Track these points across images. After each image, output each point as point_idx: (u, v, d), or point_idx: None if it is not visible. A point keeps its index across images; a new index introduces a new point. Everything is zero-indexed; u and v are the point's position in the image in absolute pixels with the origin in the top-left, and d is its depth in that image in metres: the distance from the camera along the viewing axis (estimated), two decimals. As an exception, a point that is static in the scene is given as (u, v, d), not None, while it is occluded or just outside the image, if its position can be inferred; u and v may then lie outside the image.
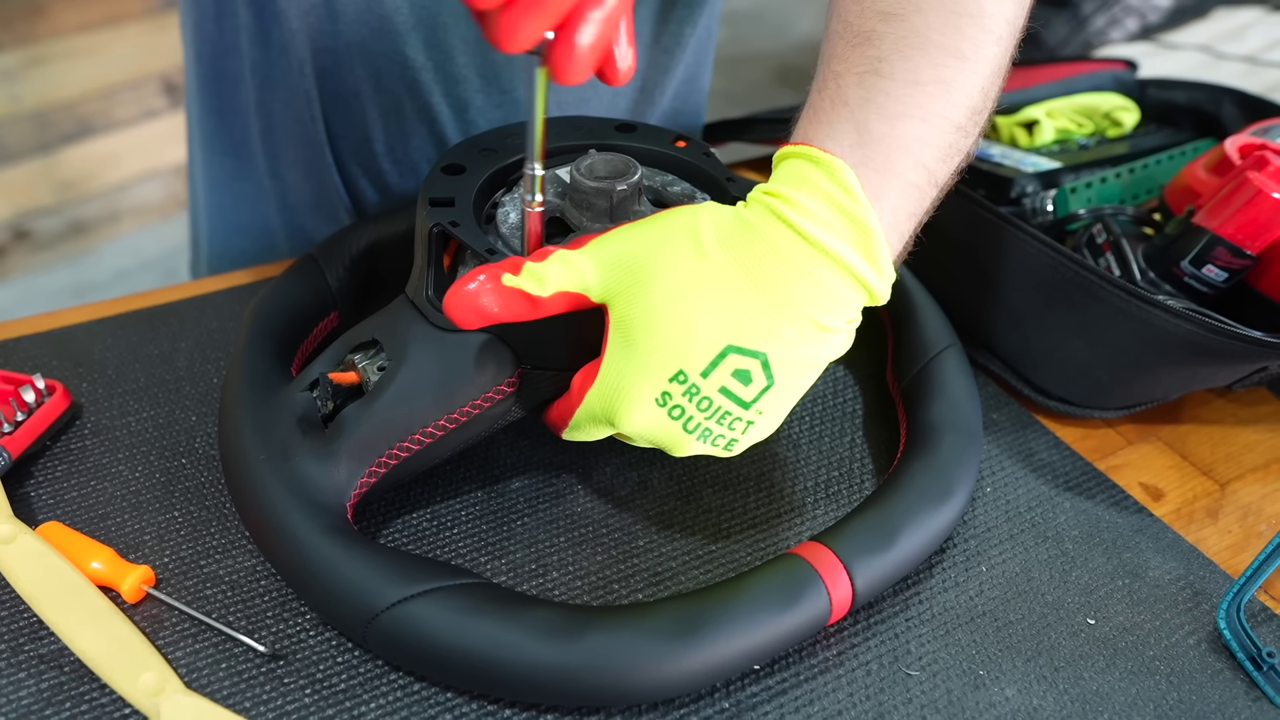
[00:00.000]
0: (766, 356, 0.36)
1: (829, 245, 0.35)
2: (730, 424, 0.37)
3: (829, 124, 0.37)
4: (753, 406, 0.37)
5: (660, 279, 0.36)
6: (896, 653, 0.40)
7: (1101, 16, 1.64)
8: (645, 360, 0.36)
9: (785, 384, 0.37)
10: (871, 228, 0.36)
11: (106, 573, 0.40)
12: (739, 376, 0.36)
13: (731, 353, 0.36)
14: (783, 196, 0.36)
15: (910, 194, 0.37)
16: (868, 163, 0.36)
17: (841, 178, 0.36)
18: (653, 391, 0.36)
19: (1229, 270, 0.51)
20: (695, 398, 0.36)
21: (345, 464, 0.40)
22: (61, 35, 1.61)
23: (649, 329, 0.36)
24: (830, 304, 0.36)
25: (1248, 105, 0.68)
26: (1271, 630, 0.43)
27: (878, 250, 0.36)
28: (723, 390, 0.36)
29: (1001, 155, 0.65)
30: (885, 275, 0.37)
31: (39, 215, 1.72)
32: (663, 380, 0.36)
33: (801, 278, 0.36)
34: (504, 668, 0.35)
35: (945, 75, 0.37)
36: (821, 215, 0.36)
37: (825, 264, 0.36)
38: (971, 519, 0.47)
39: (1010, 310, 0.54)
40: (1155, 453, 0.52)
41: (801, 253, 0.36)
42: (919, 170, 0.37)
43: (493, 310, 0.37)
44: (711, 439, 0.38)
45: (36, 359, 0.51)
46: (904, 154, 0.37)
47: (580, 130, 0.48)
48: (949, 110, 0.38)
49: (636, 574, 0.43)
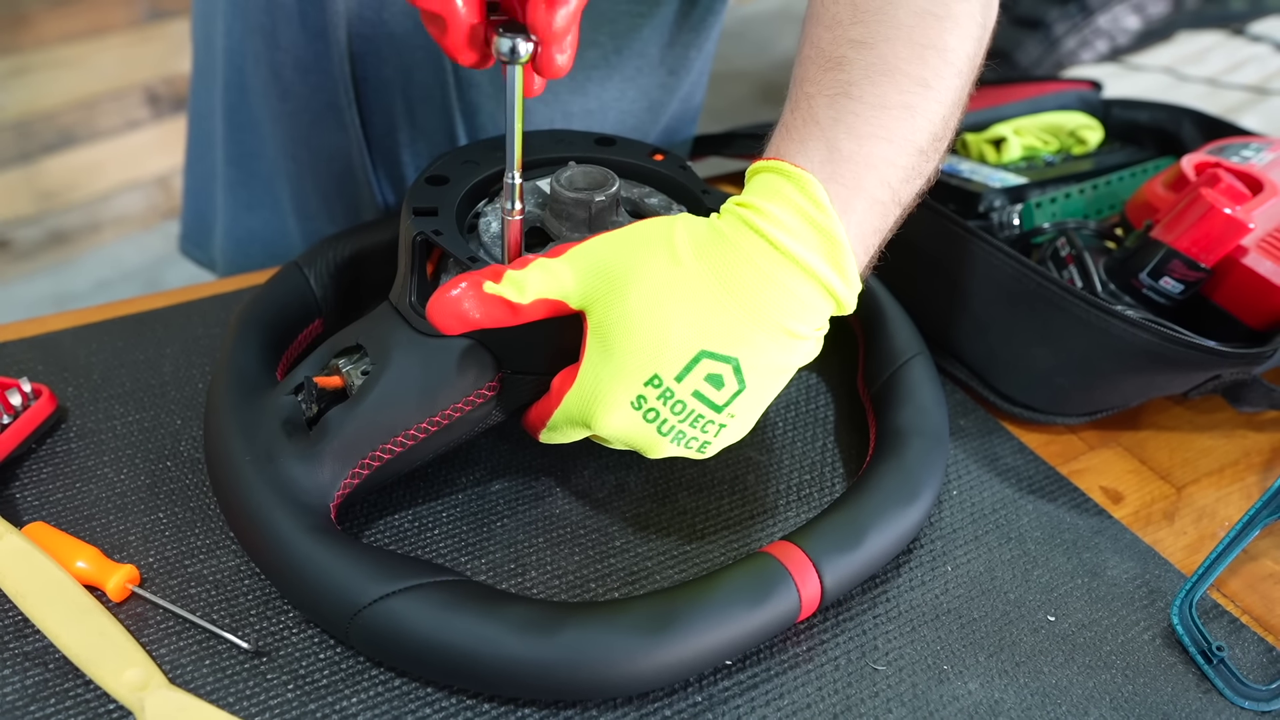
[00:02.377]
0: (738, 361, 0.37)
1: (799, 255, 0.37)
2: (703, 427, 0.39)
3: (801, 141, 0.39)
4: (725, 410, 0.38)
5: (636, 286, 0.37)
6: (864, 648, 0.42)
7: (1073, 38, 1.68)
8: (621, 364, 0.37)
9: (756, 388, 0.38)
10: (839, 239, 0.37)
11: (91, 572, 0.41)
12: (712, 381, 0.37)
13: (705, 358, 0.37)
14: (755, 208, 0.38)
15: (876, 210, 0.39)
16: (836, 178, 0.38)
17: (812, 191, 0.37)
18: (628, 395, 0.38)
19: (1185, 282, 0.53)
20: (670, 401, 0.38)
21: (329, 465, 0.41)
22: (45, 45, 1.62)
23: (625, 334, 0.37)
24: (800, 311, 0.37)
25: (1206, 125, 0.71)
26: (1222, 626, 0.44)
27: (845, 261, 0.37)
28: (696, 394, 0.38)
29: (970, 171, 0.67)
30: (852, 285, 0.38)
31: (19, 225, 1.71)
32: (638, 384, 0.37)
33: (772, 286, 0.37)
34: (483, 662, 0.36)
35: (910, 101, 0.39)
36: (792, 226, 0.37)
37: (795, 273, 0.37)
38: (938, 520, 0.48)
39: (977, 320, 0.56)
40: (1115, 458, 0.54)
41: (772, 262, 0.37)
42: (884, 189, 0.39)
43: (474, 316, 0.38)
44: (685, 441, 0.39)
45: (23, 364, 0.52)
46: (871, 172, 0.38)
47: (561, 143, 0.50)
48: (913, 134, 0.39)
49: (613, 573, 0.44)
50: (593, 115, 0.64)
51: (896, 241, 0.42)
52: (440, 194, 0.45)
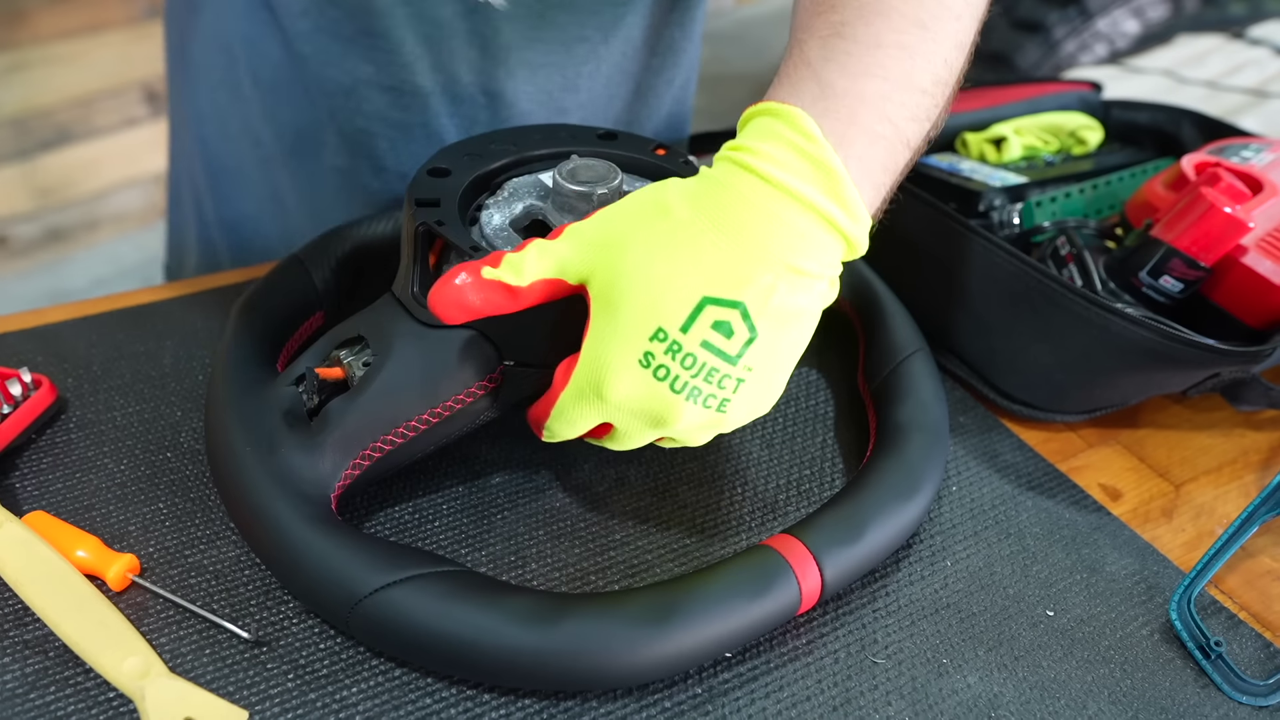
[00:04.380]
0: (745, 305, 0.36)
1: (793, 187, 0.36)
2: (720, 381, 0.37)
3: (792, 83, 0.38)
4: (740, 361, 0.37)
5: (633, 245, 0.37)
6: (864, 642, 0.42)
7: (1072, 42, 1.69)
8: (625, 323, 0.37)
9: (770, 337, 0.37)
10: (835, 169, 0.36)
11: (92, 561, 0.41)
12: (720, 329, 0.36)
13: (709, 304, 0.36)
14: (745, 148, 0.37)
15: (880, 146, 0.38)
16: (830, 114, 0.37)
17: (802, 125, 0.36)
18: (635, 352, 0.37)
19: (1184, 281, 0.53)
20: (679, 355, 0.36)
21: (330, 456, 0.41)
22: (42, 42, 1.61)
23: (626, 292, 0.37)
24: (802, 247, 0.36)
25: (1206, 126, 0.71)
26: (1220, 621, 0.44)
27: (845, 192, 0.36)
28: (705, 345, 0.36)
29: (971, 170, 0.67)
30: (857, 218, 0.37)
31: (17, 221, 1.71)
32: (643, 339, 0.36)
33: (769, 221, 0.36)
34: (483, 652, 0.36)
35: (906, 41, 0.39)
36: (784, 160, 0.36)
37: (791, 206, 0.36)
38: (938, 516, 0.48)
39: (977, 317, 0.56)
40: (1114, 455, 0.54)
41: (766, 197, 0.36)
42: (884, 123, 0.38)
43: (475, 303, 0.38)
44: (702, 399, 0.37)
45: (23, 355, 0.52)
46: (867, 108, 0.37)
47: (564, 137, 0.50)
48: (911, 73, 0.39)
49: (613, 566, 0.44)
50: (585, 109, 0.64)
51: (897, 240, 0.42)
52: (442, 185, 0.45)
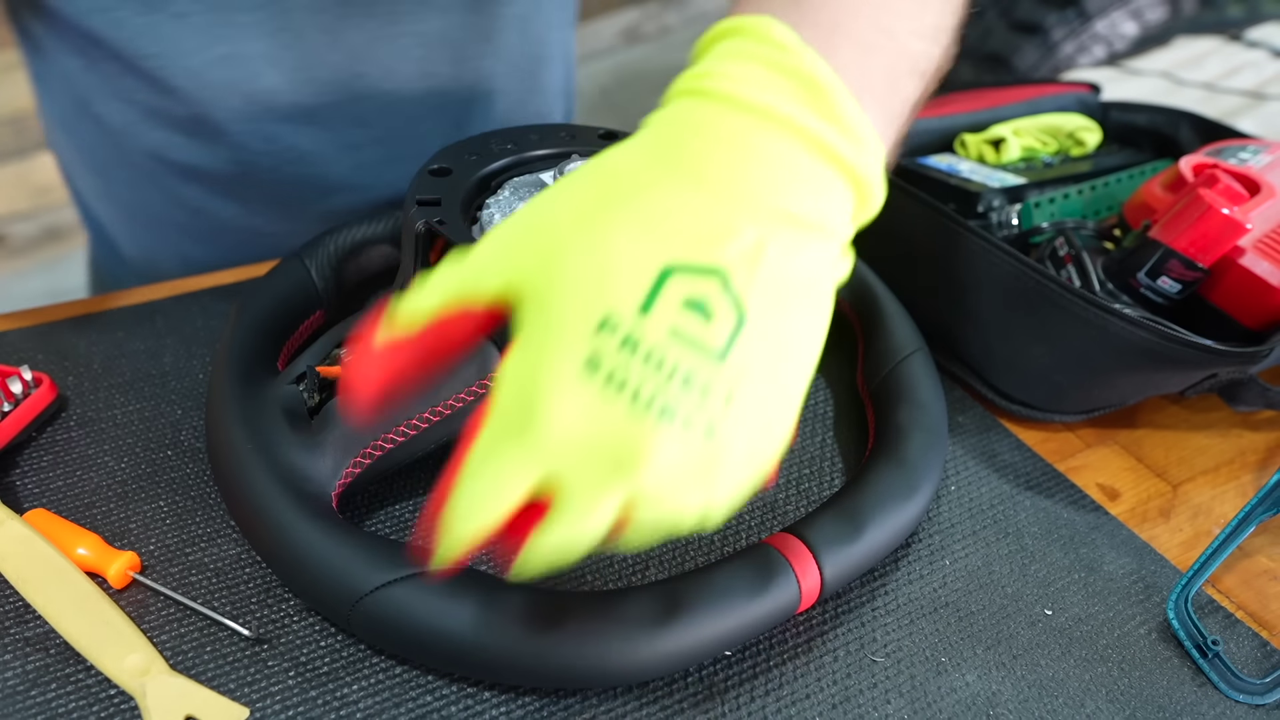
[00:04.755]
0: (725, 272, 0.26)
1: (768, 104, 0.27)
2: (702, 389, 0.26)
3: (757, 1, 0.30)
4: (729, 357, 0.26)
5: (564, 220, 0.28)
6: (863, 640, 0.42)
7: (1071, 43, 1.69)
8: (559, 316, 0.26)
9: (766, 318, 0.26)
10: (819, 79, 0.28)
11: (92, 558, 0.41)
12: (694, 309, 0.26)
13: (674, 274, 0.26)
14: (703, 73, 0.29)
15: (875, 57, 0.30)
16: (807, 21, 0.29)
17: (771, 35, 0.28)
18: (575, 355, 0.26)
19: (1182, 282, 0.53)
20: (638, 350, 0.25)
21: (331, 454, 0.41)
22: (42, 40, 1.61)
23: (558, 276, 0.27)
24: (793, 185, 0.27)
25: (1203, 128, 0.71)
26: (1217, 621, 0.45)
27: (838, 107, 0.28)
28: (675, 334, 0.26)
29: (970, 171, 0.67)
30: (860, 141, 0.28)
31: (14, 220, 1.71)
32: (585, 334, 0.26)
33: (744, 152, 0.27)
34: (484, 650, 0.37)
35: None
36: (754, 76, 0.28)
37: (769, 129, 0.27)
38: (936, 516, 0.48)
39: (976, 318, 0.56)
40: (1112, 455, 0.54)
41: (738, 124, 0.27)
42: (877, 33, 0.30)
43: (378, 374, 0.29)
44: (680, 419, 0.26)
45: (23, 353, 0.52)
46: (852, 15, 0.30)
47: (565, 137, 0.50)
48: None
49: (613, 565, 0.44)
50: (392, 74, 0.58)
51: (896, 240, 0.42)
52: (443, 185, 0.45)
